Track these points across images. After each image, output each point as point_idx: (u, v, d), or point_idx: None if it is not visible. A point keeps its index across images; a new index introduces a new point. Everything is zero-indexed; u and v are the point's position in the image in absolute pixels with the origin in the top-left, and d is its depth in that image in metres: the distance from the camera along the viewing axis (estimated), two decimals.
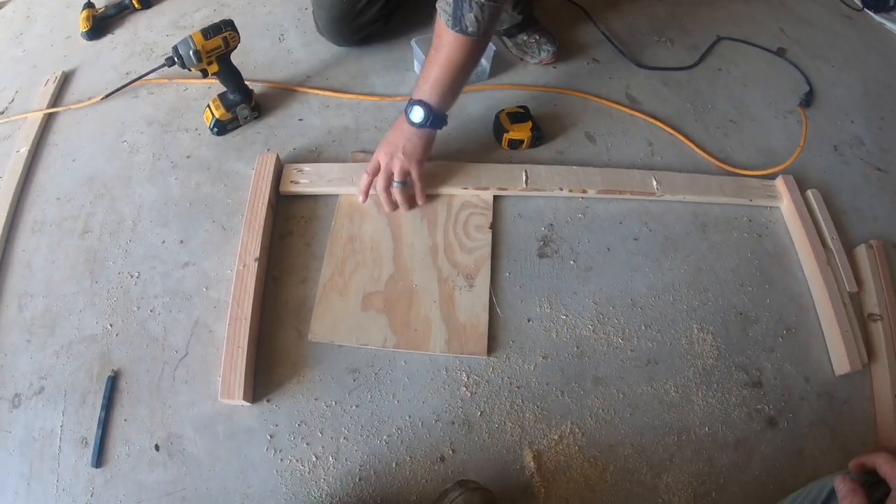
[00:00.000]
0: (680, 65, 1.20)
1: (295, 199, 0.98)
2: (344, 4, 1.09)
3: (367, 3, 1.09)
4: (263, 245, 0.87)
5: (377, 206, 0.95)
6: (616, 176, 0.98)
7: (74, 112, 1.19)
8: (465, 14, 0.80)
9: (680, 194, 0.96)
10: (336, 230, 0.92)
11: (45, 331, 0.89)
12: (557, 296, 0.90)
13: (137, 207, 1.00)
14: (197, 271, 0.92)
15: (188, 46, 0.93)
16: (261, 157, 0.97)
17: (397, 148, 0.89)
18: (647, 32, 1.27)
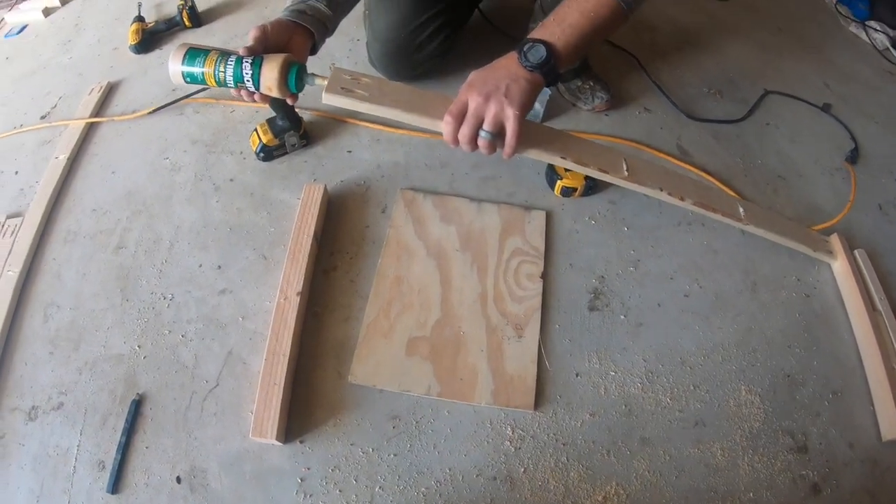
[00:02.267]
0: (729, 118, 1.19)
1: (341, 233, 0.96)
2: (402, 38, 1.07)
3: (427, 38, 1.07)
4: (306, 279, 0.85)
5: (426, 248, 0.92)
6: (709, 192, 0.92)
7: (117, 124, 1.17)
8: None
9: (762, 228, 0.92)
10: (383, 269, 0.90)
11: (70, 345, 0.86)
12: (607, 351, 0.86)
13: (175, 228, 0.96)
14: (234, 300, 0.87)
15: None
16: (308, 186, 0.96)
17: (496, 89, 0.72)
18: (696, 84, 1.27)
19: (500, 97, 0.71)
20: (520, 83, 0.72)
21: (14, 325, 0.88)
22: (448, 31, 1.08)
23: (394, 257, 0.90)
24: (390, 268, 0.89)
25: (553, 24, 0.74)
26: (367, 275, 0.90)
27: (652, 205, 1.01)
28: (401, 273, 0.88)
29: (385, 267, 0.89)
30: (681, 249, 0.97)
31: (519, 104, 0.71)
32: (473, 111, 0.72)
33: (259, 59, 0.74)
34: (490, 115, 0.72)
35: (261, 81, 0.75)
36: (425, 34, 1.06)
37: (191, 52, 0.76)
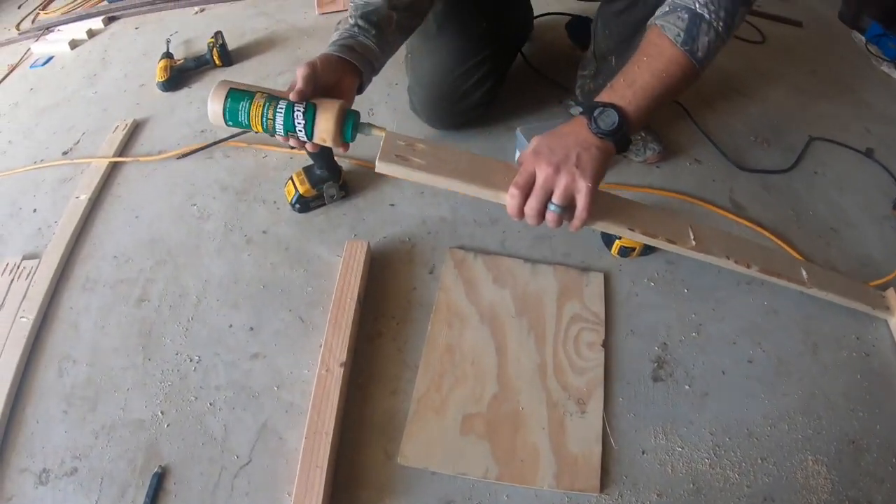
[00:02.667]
0: (777, 167, 1.15)
1: (385, 296, 0.90)
2: (447, 85, 1.02)
3: (473, 86, 1.03)
4: (350, 347, 0.77)
5: (479, 313, 0.86)
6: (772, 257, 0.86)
7: (142, 165, 1.12)
8: (699, 35, 0.68)
9: (825, 290, 0.87)
10: (433, 337, 0.83)
11: (86, 404, 0.79)
12: (673, 425, 0.80)
13: (204, 282, 0.89)
14: (268, 366, 0.80)
15: None
16: (350, 243, 0.90)
17: (566, 158, 0.65)
18: (742, 132, 1.23)
19: (570, 168, 0.64)
20: (591, 152, 0.65)
21: (27, 376, 0.82)
22: (493, 79, 1.04)
23: (444, 323, 0.84)
24: (441, 335, 0.82)
25: (623, 87, 0.68)
26: (416, 343, 0.83)
27: (709, 264, 0.95)
28: (452, 341, 0.82)
29: (435, 334, 0.83)
30: (741, 311, 0.91)
31: (592, 175, 0.65)
32: (542, 183, 0.65)
33: (312, 106, 0.67)
34: (561, 187, 0.65)
35: (315, 132, 0.68)
36: (471, 82, 1.02)
37: (233, 93, 0.69)
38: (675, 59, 0.68)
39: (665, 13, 0.70)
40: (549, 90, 1.26)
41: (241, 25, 1.48)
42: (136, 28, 1.59)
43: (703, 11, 0.68)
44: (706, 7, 0.68)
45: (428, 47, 1.01)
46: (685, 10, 0.68)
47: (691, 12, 0.68)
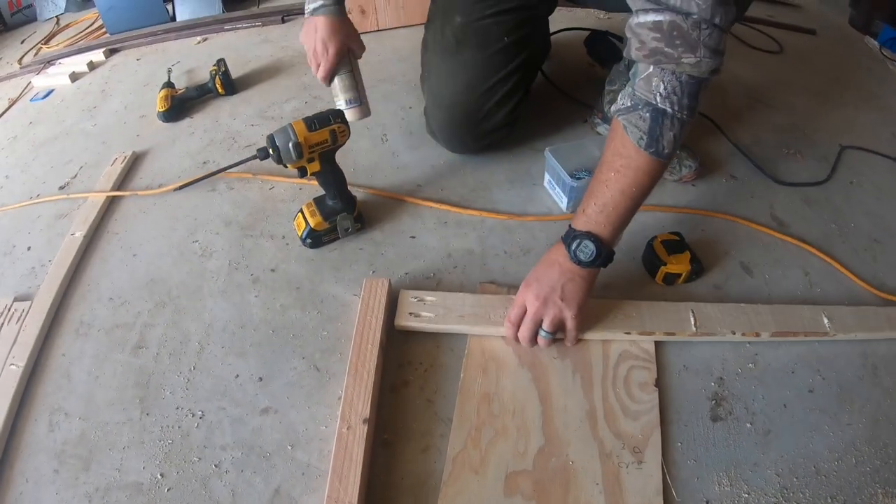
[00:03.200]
0: (813, 179, 1.08)
1: (410, 339, 0.80)
2: (469, 104, 0.95)
3: (497, 104, 0.95)
4: (373, 400, 0.65)
5: (517, 356, 0.76)
6: (786, 315, 0.81)
7: (141, 199, 1.04)
8: (664, 133, 0.65)
9: (851, 332, 0.81)
10: (467, 385, 0.74)
11: (79, 463, 0.70)
12: (737, 469, 0.71)
13: (206, 326, 0.81)
14: (279, 422, 0.70)
15: (288, 137, 0.78)
16: (369, 281, 0.81)
17: (553, 291, 0.71)
18: (773, 144, 1.16)
19: (556, 300, 0.71)
20: (575, 282, 0.71)
21: (15, 429, 0.73)
22: (518, 97, 0.97)
23: (479, 369, 0.74)
24: (475, 382, 0.73)
25: (596, 212, 0.70)
26: (448, 392, 0.73)
27: (759, 286, 0.87)
28: (489, 389, 0.72)
29: (469, 381, 0.73)
30: None
31: (577, 304, 0.71)
32: (532, 316, 0.72)
33: None
34: (548, 318, 0.71)
35: None
36: (494, 100, 0.94)
37: None
38: (642, 166, 0.67)
39: (628, 109, 0.66)
40: (571, 109, 1.20)
41: (244, 53, 1.43)
42: (137, 59, 1.54)
43: (664, 106, 0.63)
44: (668, 100, 0.63)
45: (447, 64, 0.94)
46: (647, 108, 0.64)
47: (652, 110, 0.64)
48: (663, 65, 0.61)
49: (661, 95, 0.63)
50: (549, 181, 0.98)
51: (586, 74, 1.25)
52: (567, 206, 0.94)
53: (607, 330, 0.76)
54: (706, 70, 0.61)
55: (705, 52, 0.59)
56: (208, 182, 1.03)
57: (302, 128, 0.77)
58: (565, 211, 0.95)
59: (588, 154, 0.93)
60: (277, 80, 1.32)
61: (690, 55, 0.59)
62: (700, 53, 0.59)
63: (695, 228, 0.95)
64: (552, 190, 0.98)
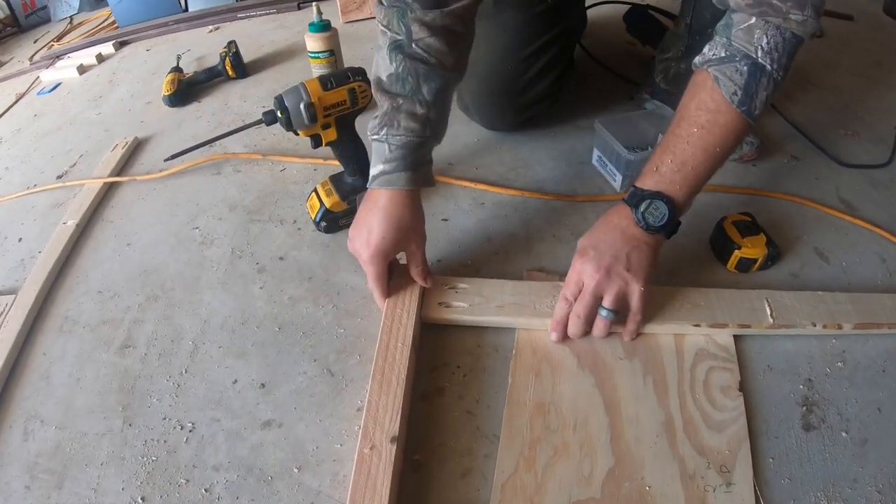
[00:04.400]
0: (874, 161, 0.95)
1: (445, 337, 0.64)
2: (508, 72, 0.81)
3: (539, 73, 0.82)
4: (403, 413, 0.51)
5: (576, 356, 0.61)
6: (867, 304, 0.67)
7: (139, 185, 0.92)
8: (758, 91, 0.55)
9: None
10: (516, 392, 0.58)
11: (52, 479, 0.56)
12: (835, 486, 0.56)
13: (202, 323, 0.67)
14: (284, 438, 0.56)
15: (299, 97, 0.65)
16: (398, 268, 0.66)
17: (616, 260, 0.58)
18: (829, 125, 1.03)
19: (620, 270, 0.57)
20: (641, 250, 0.58)
21: None
22: (562, 66, 0.84)
23: (530, 372, 0.58)
24: (526, 389, 0.57)
25: (672, 170, 0.58)
26: (493, 401, 0.57)
27: (837, 273, 0.72)
28: (544, 397, 0.56)
29: (519, 388, 0.57)
30: None
31: (644, 276, 0.58)
32: (592, 289, 0.58)
33: None
34: (612, 292, 0.58)
35: None
36: (536, 68, 0.81)
37: None
38: (730, 124, 0.56)
39: (721, 60, 0.56)
40: (614, 85, 1.05)
41: (258, 39, 1.31)
42: (147, 50, 1.43)
43: (765, 62, 0.55)
44: (769, 56, 0.55)
45: (484, 27, 0.78)
46: (745, 61, 0.55)
47: (751, 64, 0.55)
48: (769, 17, 0.54)
49: (762, 50, 0.54)
50: (599, 157, 0.84)
51: (626, 52, 1.12)
52: (621, 184, 0.80)
53: (674, 321, 0.61)
54: (809, 31, 0.54)
55: (811, 13, 0.53)
56: (213, 165, 0.90)
57: (316, 87, 0.64)
58: (619, 190, 0.81)
59: (641, 129, 0.79)
60: (292, 62, 1.20)
61: (798, 12, 0.53)
62: (807, 12, 0.53)
63: (760, 211, 0.80)
64: (602, 167, 0.83)
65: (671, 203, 0.57)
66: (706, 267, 0.72)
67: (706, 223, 0.74)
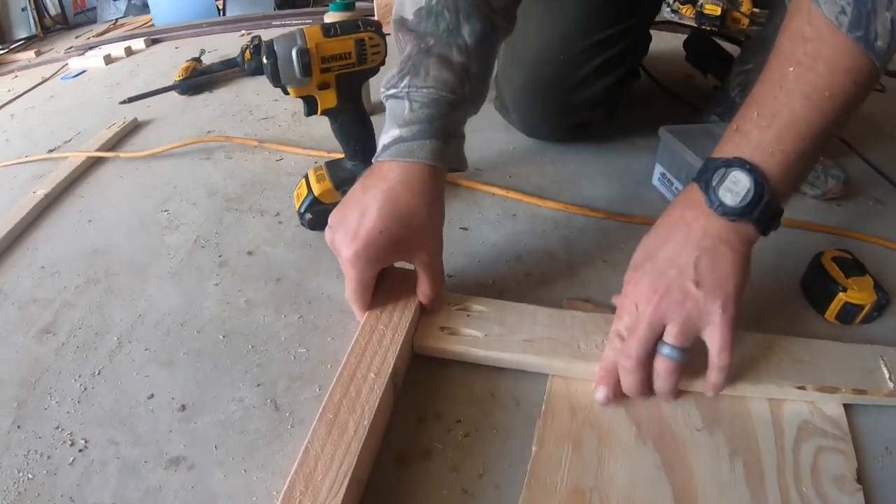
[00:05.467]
0: None
1: (443, 375, 0.47)
2: (561, 62, 0.65)
3: (597, 70, 0.66)
4: (356, 479, 0.35)
5: (634, 424, 0.42)
6: None
7: (123, 163, 0.83)
8: (877, 10, 0.35)
9: None
10: (542, 470, 0.38)
11: None
12: None
13: (136, 317, 0.53)
14: (192, 486, 0.41)
15: (292, 41, 0.51)
16: (390, 271, 0.50)
17: (680, 272, 0.38)
18: None
19: (687, 286, 0.38)
20: (719, 252, 0.38)
21: None
22: (623, 70, 0.69)
23: (565, 442, 0.40)
24: (558, 466, 0.38)
25: (759, 127, 0.38)
26: (503, 479, 0.39)
27: None
28: (584, 480, 0.37)
29: (547, 464, 0.39)
30: None
31: (726, 295, 0.37)
32: (647, 319, 0.38)
33: None
34: (676, 321, 0.38)
35: None
36: (594, 63, 0.66)
37: None
38: (842, 59, 0.36)
39: None
40: (675, 109, 0.91)
41: None
42: (175, 48, 1.38)
43: None
44: None
45: (536, 10, 0.65)
46: None
47: None
48: None
49: None
50: (662, 175, 0.67)
51: (684, 84, 0.98)
52: None
53: (772, 380, 0.42)
54: None
55: None
56: (204, 150, 0.79)
57: (316, 32, 0.50)
58: None
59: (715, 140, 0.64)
60: None
61: None
62: None
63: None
64: (666, 187, 0.67)
65: (757, 172, 0.37)
66: (797, 315, 0.53)
67: (794, 262, 0.56)
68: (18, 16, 1.87)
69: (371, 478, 0.38)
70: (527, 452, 0.39)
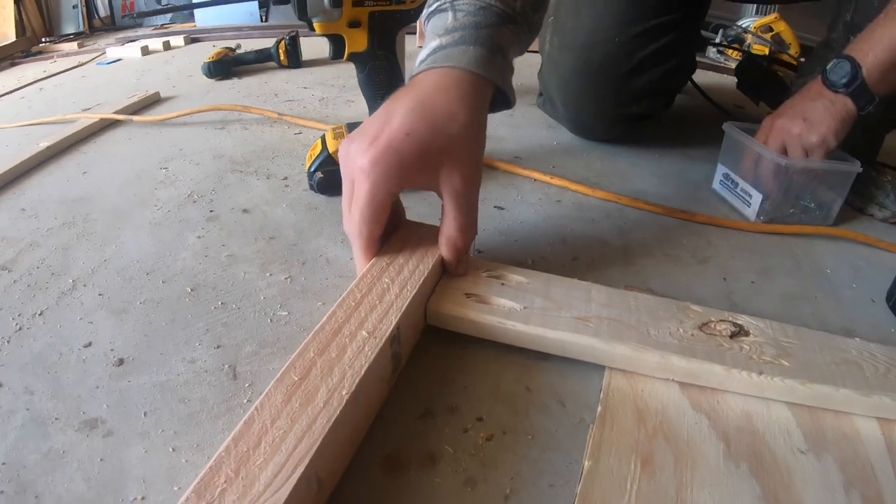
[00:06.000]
0: None
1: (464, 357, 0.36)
2: (615, 44, 0.59)
3: (653, 56, 0.60)
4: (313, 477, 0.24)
5: (722, 439, 0.30)
6: None
7: (136, 128, 0.79)
8: None
9: None
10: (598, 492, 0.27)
11: None
12: None
13: (101, 262, 0.45)
14: (101, 457, 0.32)
15: None
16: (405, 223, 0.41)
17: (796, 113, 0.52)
18: None
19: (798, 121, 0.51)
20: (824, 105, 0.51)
21: None
22: (679, 58, 0.63)
23: (630, 455, 0.29)
24: (621, 487, 0.27)
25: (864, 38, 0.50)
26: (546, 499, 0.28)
27: None
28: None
29: (604, 482, 0.27)
30: None
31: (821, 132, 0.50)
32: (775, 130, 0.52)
33: None
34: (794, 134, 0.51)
35: None
36: (651, 48, 0.60)
37: None
38: None
39: None
40: None
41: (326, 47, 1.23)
42: (213, 45, 1.38)
43: None
44: None
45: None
46: None
47: None
48: None
49: None
50: (726, 177, 0.58)
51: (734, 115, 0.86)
52: (760, 207, 0.53)
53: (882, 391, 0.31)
54: None
55: None
56: (220, 119, 0.73)
57: None
58: (753, 218, 0.53)
59: None
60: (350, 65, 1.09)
61: None
62: None
63: None
64: (730, 190, 0.57)
65: (856, 63, 0.49)
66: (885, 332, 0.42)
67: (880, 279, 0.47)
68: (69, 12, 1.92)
69: (344, 483, 0.27)
70: (575, 469, 0.29)
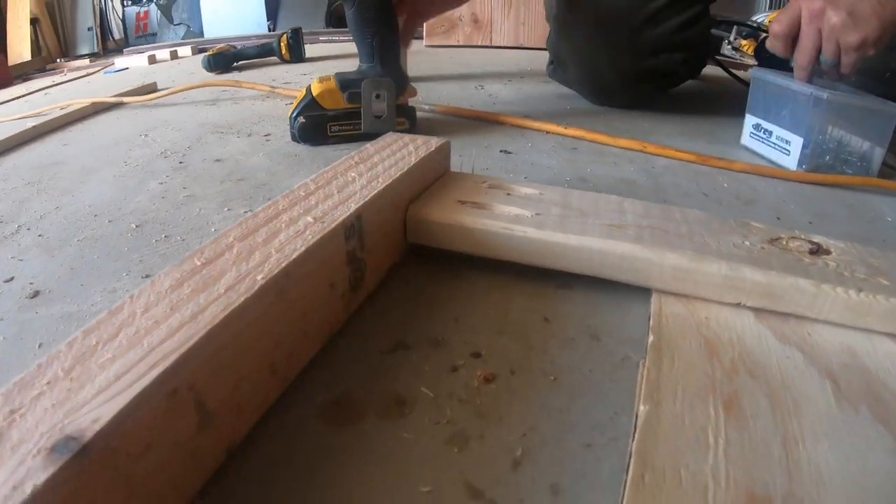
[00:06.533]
0: None
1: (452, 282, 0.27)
2: None
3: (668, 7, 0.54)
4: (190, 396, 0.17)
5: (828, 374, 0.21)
6: None
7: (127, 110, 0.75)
8: None
9: None
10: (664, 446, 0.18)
11: None
12: None
13: (52, 210, 0.40)
14: None
15: None
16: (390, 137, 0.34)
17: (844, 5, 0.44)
18: None
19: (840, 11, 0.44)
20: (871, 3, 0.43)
21: None
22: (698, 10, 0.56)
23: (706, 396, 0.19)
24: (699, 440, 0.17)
25: None
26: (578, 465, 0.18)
27: None
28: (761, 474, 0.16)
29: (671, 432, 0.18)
30: None
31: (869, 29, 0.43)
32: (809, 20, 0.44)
33: None
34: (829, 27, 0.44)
35: None
36: None
37: None
38: None
39: None
40: None
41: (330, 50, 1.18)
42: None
43: None
44: None
45: None
46: None
47: None
48: None
49: None
50: (756, 127, 0.51)
51: None
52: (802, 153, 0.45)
53: None
54: None
55: None
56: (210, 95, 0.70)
57: None
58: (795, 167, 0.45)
59: None
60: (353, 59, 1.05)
61: None
62: None
63: None
64: (764, 140, 0.50)
65: None
66: None
67: None
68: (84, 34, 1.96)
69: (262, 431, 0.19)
70: (622, 423, 0.19)
